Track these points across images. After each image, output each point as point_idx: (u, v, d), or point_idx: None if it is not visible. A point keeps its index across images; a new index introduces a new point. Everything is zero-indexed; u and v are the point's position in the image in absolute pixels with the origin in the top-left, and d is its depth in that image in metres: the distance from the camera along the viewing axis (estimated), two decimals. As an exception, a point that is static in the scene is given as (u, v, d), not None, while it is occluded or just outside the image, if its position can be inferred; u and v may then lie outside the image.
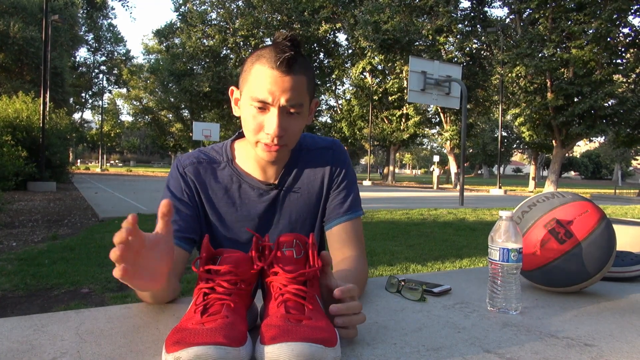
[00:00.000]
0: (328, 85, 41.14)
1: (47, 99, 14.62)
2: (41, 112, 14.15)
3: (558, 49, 20.46)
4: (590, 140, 28.27)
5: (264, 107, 0.97)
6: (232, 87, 1.10)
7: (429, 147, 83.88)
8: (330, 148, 1.19)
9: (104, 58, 52.21)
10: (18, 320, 0.83)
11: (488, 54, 29.04)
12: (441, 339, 0.79)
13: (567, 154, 26.78)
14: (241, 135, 1.17)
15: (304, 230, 1.17)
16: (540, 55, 20.54)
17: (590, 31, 19.31)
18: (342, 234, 1.15)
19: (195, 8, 38.59)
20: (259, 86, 0.96)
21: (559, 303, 1.04)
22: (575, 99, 20.63)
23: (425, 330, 0.83)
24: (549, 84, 21.02)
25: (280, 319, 0.67)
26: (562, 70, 20.89)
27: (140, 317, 0.87)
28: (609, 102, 20.37)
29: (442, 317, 0.91)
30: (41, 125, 14.07)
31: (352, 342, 0.75)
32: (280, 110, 0.97)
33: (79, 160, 52.43)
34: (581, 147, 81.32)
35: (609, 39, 19.37)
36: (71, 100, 39.30)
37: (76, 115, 50.59)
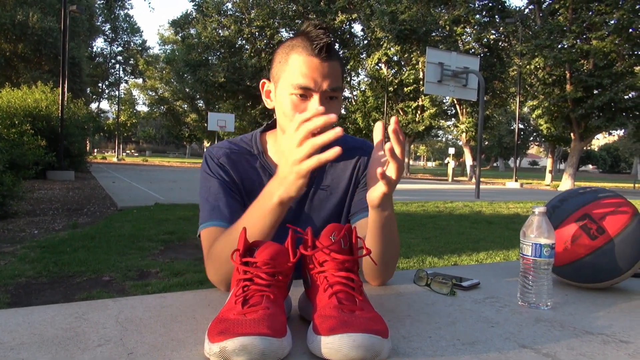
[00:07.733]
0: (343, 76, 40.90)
1: (66, 89, 14.79)
2: (60, 101, 14.33)
3: (578, 40, 20.06)
4: (610, 134, 27.71)
5: (306, 94, 0.98)
6: (264, 80, 1.10)
7: (443, 139, 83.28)
8: (361, 148, 1.21)
9: (120, 48, 52.68)
10: (59, 308, 0.86)
11: (506, 45, 28.62)
12: (476, 333, 0.79)
13: (585, 147, 26.36)
14: (269, 127, 1.18)
15: None
16: (559, 46, 20.16)
17: (612, 22, 18.89)
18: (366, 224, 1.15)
19: (211, -2, 38.61)
20: (301, 74, 0.97)
21: (590, 299, 1.03)
22: (595, 91, 20.24)
23: (458, 324, 0.83)
24: (568, 76, 20.64)
25: (334, 310, 0.68)
26: (582, 61, 20.49)
27: (176, 307, 0.88)
28: (630, 95, 19.96)
29: (474, 312, 0.91)
30: (60, 114, 14.26)
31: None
32: (321, 96, 0.98)
33: (95, 150, 53.05)
34: (599, 140, 79.99)
35: (630, 30, 18.93)
36: (88, 90, 39.73)
37: (93, 105, 51.18)
